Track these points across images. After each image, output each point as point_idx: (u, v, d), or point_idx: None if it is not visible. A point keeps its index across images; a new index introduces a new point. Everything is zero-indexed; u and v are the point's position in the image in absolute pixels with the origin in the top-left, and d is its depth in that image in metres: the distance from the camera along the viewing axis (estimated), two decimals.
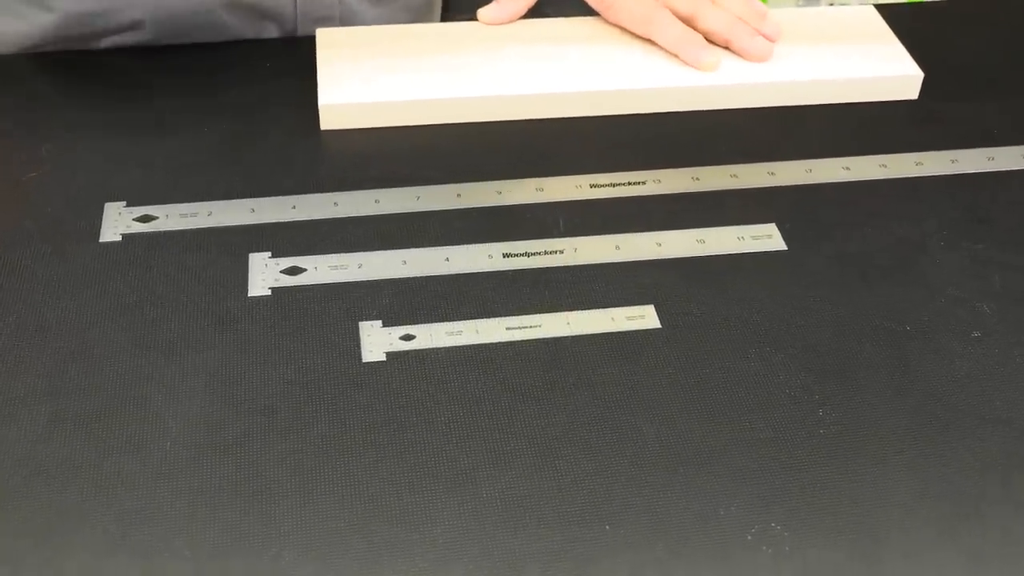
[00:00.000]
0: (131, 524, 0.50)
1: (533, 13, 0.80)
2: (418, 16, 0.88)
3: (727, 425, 0.56)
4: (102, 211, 0.66)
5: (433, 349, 0.59)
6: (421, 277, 0.63)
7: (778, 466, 0.54)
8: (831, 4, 1.48)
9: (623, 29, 0.78)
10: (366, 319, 0.60)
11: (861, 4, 0.84)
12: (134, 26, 0.78)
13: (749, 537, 0.51)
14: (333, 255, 0.64)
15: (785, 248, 0.65)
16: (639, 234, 0.66)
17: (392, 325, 0.60)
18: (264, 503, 0.52)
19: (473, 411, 0.56)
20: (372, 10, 0.84)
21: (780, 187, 0.70)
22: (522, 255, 0.64)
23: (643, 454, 0.54)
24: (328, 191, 0.68)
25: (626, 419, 0.56)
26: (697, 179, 0.70)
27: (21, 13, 0.78)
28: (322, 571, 0.49)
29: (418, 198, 0.68)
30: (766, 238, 0.66)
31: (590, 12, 0.80)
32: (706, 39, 0.77)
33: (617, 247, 0.65)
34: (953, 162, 0.72)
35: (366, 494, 0.52)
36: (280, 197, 0.67)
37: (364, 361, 0.58)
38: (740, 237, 0.66)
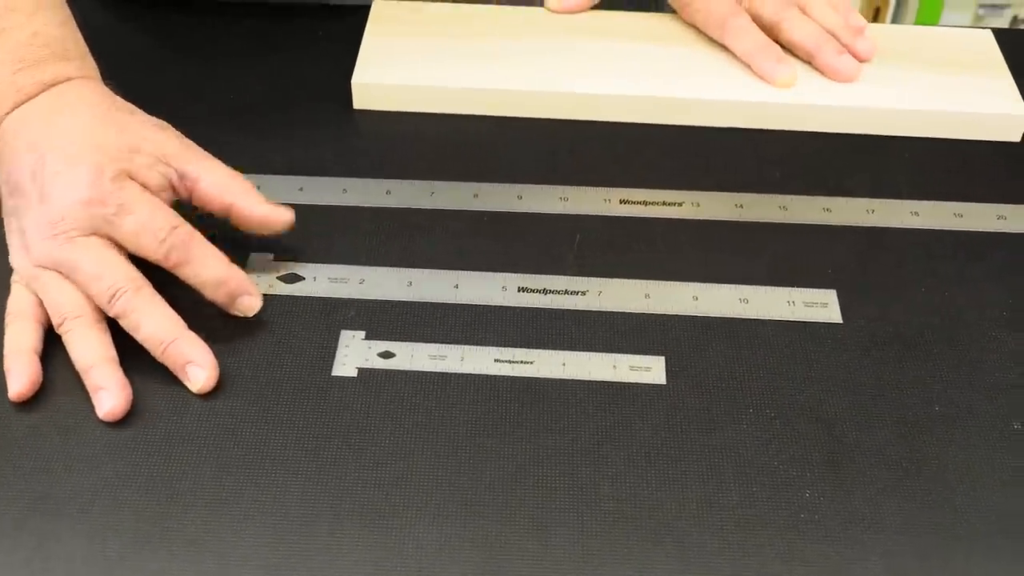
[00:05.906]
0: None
1: (607, 5, 0.74)
2: None
3: (696, 495, 0.49)
4: None
5: (410, 372, 0.54)
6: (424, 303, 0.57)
7: (742, 550, 0.47)
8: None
9: (698, 31, 0.72)
10: (349, 327, 0.56)
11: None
12: None
13: None
14: (334, 266, 0.59)
15: (841, 322, 0.57)
16: (674, 284, 0.58)
17: (375, 339, 0.55)
18: (176, 506, 0.48)
19: (420, 446, 0.51)
20: None
21: (833, 227, 0.62)
22: (539, 292, 0.58)
23: (591, 516, 0.48)
24: (340, 176, 0.64)
25: (586, 474, 0.50)
26: (740, 207, 0.63)
27: None
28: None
29: (432, 194, 0.63)
30: (820, 306, 0.58)
31: (672, 9, 0.73)
32: (790, 51, 0.70)
33: (647, 295, 0.58)
34: None
35: (277, 513, 0.48)
36: (289, 177, 0.64)
37: (333, 374, 0.54)
38: (790, 302, 0.58)
